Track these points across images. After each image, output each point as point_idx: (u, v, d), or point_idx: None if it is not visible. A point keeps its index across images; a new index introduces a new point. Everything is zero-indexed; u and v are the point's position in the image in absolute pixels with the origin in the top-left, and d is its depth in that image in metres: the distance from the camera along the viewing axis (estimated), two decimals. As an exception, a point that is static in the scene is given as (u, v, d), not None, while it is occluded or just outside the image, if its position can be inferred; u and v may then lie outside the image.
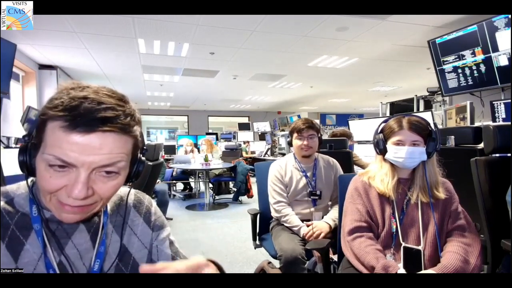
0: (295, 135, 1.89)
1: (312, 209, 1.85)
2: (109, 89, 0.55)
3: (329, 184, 1.89)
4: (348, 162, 2.64)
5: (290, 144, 1.95)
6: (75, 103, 0.49)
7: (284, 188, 1.86)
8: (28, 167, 0.53)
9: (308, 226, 1.73)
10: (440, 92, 3.62)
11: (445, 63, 3.40)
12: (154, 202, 0.75)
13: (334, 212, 1.81)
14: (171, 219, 4.13)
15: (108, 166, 0.53)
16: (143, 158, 0.62)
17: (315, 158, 1.94)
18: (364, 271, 1.11)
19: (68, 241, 0.59)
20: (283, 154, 5.98)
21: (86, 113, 0.49)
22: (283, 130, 9.06)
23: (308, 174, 1.89)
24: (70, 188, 0.51)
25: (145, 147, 0.63)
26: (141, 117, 0.60)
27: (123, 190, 0.71)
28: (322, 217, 1.84)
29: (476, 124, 2.86)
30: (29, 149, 0.53)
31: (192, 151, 6.04)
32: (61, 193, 0.52)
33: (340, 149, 2.77)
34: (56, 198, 0.53)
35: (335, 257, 1.54)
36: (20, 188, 0.60)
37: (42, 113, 0.52)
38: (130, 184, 0.64)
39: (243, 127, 10.77)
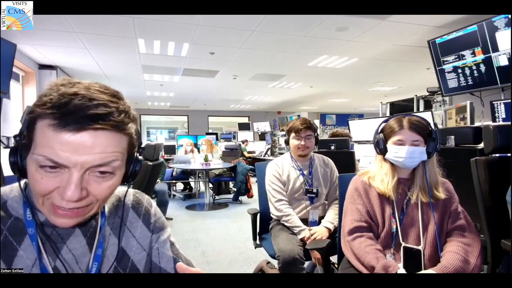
0: (292, 134, 1.91)
1: (310, 207, 1.86)
2: (102, 85, 0.52)
3: (325, 181, 1.92)
4: (350, 162, 2.64)
5: (286, 142, 1.98)
6: (65, 100, 0.47)
7: (283, 186, 1.88)
8: (19, 168, 0.51)
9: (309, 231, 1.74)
10: (440, 92, 3.62)
11: (445, 63, 3.39)
12: (154, 203, 0.73)
13: (332, 214, 1.83)
14: (171, 219, 4.13)
15: (102, 166, 0.50)
16: (140, 157, 0.60)
17: (311, 157, 1.96)
18: (364, 271, 1.11)
19: (63, 246, 0.56)
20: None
21: (76, 110, 0.46)
22: (283, 130, 9.06)
23: (305, 172, 1.91)
24: (63, 190, 0.48)
25: (142, 146, 0.61)
26: (141, 117, 0.58)
27: (121, 190, 0.69)
28: (319, 218, 1.85)
29: (476, 124, 2.86)
30: (20, 149, 0.51)
31: (192, 151, 6.04)
32: (54, 195, 0.49)
33: (342, 149, 2.77)
34: (49, 202, 0.50)
35: (333, 259, 1.54)
36: (13, 190, 0.57)
37: (30, 111, 0.49)
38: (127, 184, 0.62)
39: (243, 127, 10.77)
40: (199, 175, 5.63)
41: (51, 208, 0.51)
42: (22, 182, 0.57)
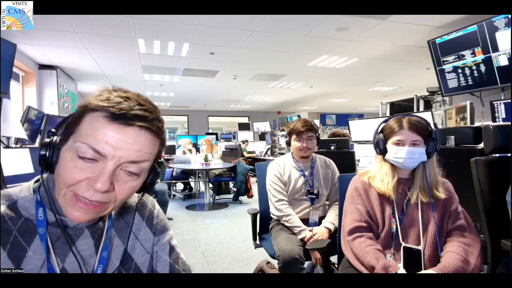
0: (294, 136, 1.91)
1: (310, 208, 1.86)
2: (147, 98, 0.58)
3: (326, 183, 1.92)
4: (350, 162, 2.65)
5: (288, 144, 1.98)
6: (120, 100, 0.53)
7: (283, 187, 1.88)
8: (48, 162, 0.53)
9: (310, 231, 1.74)
10: (440, 92, 3.62)
11: (445, 63, 3.39)
12: (157, 204, 0.74)
13: (332, 215, 1.83)
14: (171, 219, 4.13)
15: (134, 164, 0.54)
16: (159, 170, 0.63)
17: (312, 158, 1.96)
18: (364, 271, 1.11)
19: (72, 248, 0.57)
20: (283, 154, 5.97)
21: (128, 109, 0.52)
22: (283, 130, 9.07)
23: (306, 173, 1.91)
24: (94, 180, 0.51)
25: (160, 160, 0.64)
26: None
27: None
28: (319, 218, 1.85)
29: (476, 124, 2.86)
30: (54, 143, 0.53)
31: (190, 150, 6.03)
32: (81, 185, 0.51)
33: (342, 149, 2.78)
34: (72, 193, 0.52)
35: (333, 259, 1.54)
36: (23, 190, 0.57)
37: (84, 104, 0.54)
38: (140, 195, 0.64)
39: (243, 127, 10.77)
40: (199, 175, 5.63)
41: (71, 200, 0.52)
42: (34, 181, 0.59)
